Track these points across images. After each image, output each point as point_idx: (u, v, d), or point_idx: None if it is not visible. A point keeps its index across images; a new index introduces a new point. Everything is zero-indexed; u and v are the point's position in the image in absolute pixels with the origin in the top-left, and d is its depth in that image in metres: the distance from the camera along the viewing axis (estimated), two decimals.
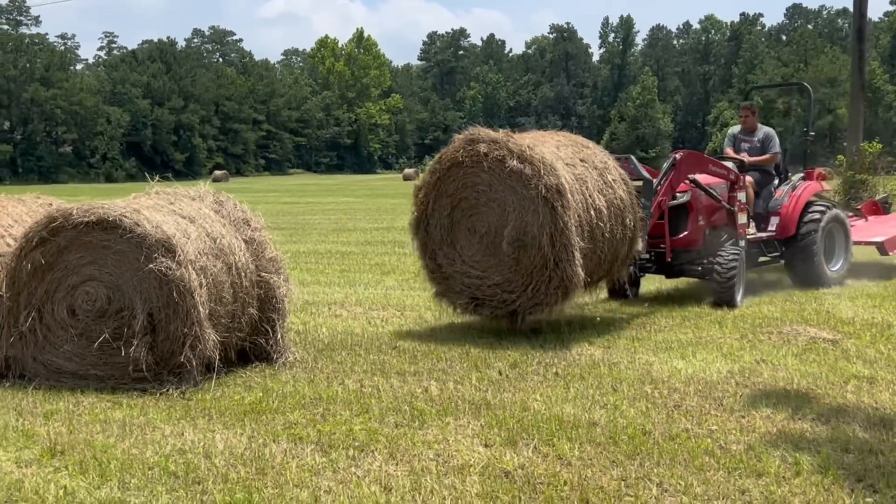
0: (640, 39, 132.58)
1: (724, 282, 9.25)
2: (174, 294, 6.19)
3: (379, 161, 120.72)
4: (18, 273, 6.53)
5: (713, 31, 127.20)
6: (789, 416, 5.56)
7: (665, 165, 9.28)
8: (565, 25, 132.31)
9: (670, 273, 10.04)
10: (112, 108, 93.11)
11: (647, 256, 9.68)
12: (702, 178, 9.63)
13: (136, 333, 6.27)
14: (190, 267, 6.25)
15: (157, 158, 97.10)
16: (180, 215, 6.72)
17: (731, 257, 9.34)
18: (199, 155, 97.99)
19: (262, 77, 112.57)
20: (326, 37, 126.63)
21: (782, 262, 11.07)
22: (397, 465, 4.81)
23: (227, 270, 6.72)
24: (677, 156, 9.27)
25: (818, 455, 4.79)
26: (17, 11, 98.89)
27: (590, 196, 7.90)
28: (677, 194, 9.51)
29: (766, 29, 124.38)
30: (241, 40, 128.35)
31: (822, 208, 10.89)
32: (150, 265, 6.19)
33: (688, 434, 5.21)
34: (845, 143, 25.68)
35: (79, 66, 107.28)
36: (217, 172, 76.78)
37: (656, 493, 4.34)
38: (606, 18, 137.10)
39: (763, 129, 11.28)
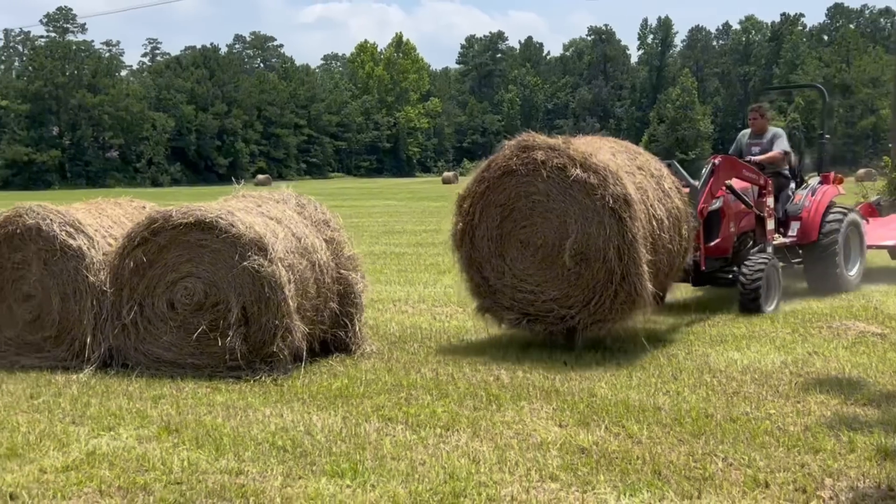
0: (678, 41, 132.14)
1: (748, 292, 9.05)
2: (266, 289, 6.73)
3: (417, 164, 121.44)
4: (121, 270, 7.12)
5: (753, 32, 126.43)
6: (842, 401, 5.96)
7: (704, 171, 9.08)
8: (603, 27, 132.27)
9: (697, 281, 9.62)
10: (157, 114, 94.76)
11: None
12: (734, 183, 9.47)
13: (231, 325, 6.82)
14: (280, 264, 6.78)
15: (201, 163, 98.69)
16: (268, 217, 7.27)
17: (756, 265, 9.14)
18: (242, 159, 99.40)
19: (302, 82, 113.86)
20: (366, 41, 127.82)
21: (800, 267, 10.88)
22: (481, 441, 5.28)
23: (311, 268, 7.25)
24: (716, 161, 9.08)
25: (871, 435, 5.20)
26: (63, 19, 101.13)
27: (651, 206, 7.56)
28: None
29: (808, 29, 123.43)
30: (281, 46, 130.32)
31: (841, 213, 10.72)
32: (244, 262, 6.74)
33: (747, 417, 5.63)
34: (890, 144, 25.73)
35: (123, 73, 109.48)
36: (260, 176, 77.86)
37: (722, 466, 4.77)
38: (645, 20, 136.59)
39: (772, 131, 10.94)
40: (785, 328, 8.52)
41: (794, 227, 10.51)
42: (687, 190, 8.52)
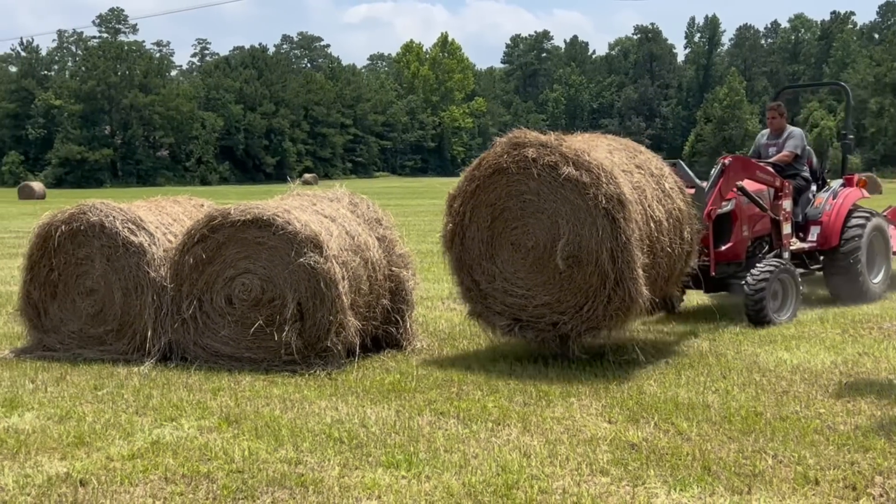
0: (726, 39, 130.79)
1: (752, 301, 8.54)
2: (321, 285, 6.91)
3: (462, 164, 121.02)
4: (181, 266, 7.34)
5: (803, 30, 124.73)
6: (892, 401, 5.97)
7: (714, 172, 8.59)
8: (650, 26, 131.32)
9: (709, 287, 9.22)
10: (207, 114, 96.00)
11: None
12: (747, 184, 9.01)
13: (287, 320, 7.01)
14: (334, 261, 6.96)
15: (248, 162, 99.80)
16: (322, 215, 7.45)
17: (763, 272, 8.60)
18: (289, 158, 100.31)
19: (349, 82, 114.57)
20: (411, 41, 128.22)
21: (821, 273, 10.38)
22: (532, 436, 5.39)
23: (364, 265, 7.41)
24: (726, 161, 8.61)
25: None
26: (115, 20, 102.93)
27: (648, 206, 7.14)
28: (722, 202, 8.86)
29: (858, 27, 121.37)
30: (328, 46, 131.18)
31: (864, 217, 10.22)
32: (300, 259, 6.92)
33: (797, 416, 5.68)
34: None
35: (174, 73, 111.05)
36: (307, 175, 78.55)
37: (772, 463, 4.83)
38: (692, 18, 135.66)
39: (789, 130, 10.47)
40: (835, 329, 8.52)
41: (815, 232, 10.06)
42: (692, 191, 8.10)
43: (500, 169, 7.11)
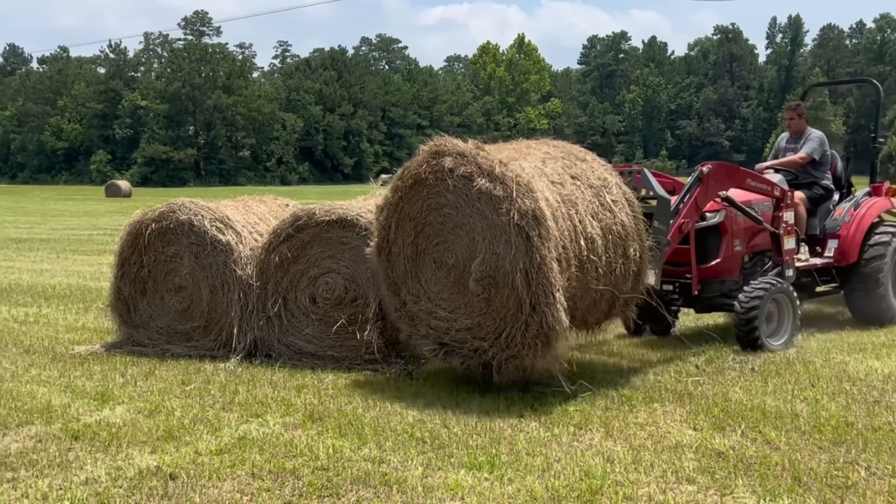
0: (809, 39, 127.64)
1: (743, 323, 7.68)
2: None
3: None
4: (267, 265, 7.48)
5: (889, 31, 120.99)
6: None
7: (689, 180, 7.70)
8: (730, 26, 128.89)
9: (700, 307, 8.45)
10: (287, 115, 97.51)
11: (671, 288, 8.10)
12: (737, 194, 8.05)
13: (369, 320, 7.09)
14: None
15: (327, 162, 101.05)
16: None
17: (755, 291, 7.71)
18: (366, 159, 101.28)
19: (425, 83, 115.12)
20: (488, 42, 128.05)
21: (842, 292, 9.38)
22: (615, 441, 5.34)
23: None
24: (704, 168, 7.67)
25: None
26: (200, 23, 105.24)
27: (580, 222, 6.44)
28: (707, 214, 7.96)
29: None
30: (406, 48, 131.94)
31: (891, 231, 9.13)
32: None
33: (891, 427, 5.51)
34: None
35: (256, 74, 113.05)
36: (383, 176, 78.80)
37: (865, 475, 4.70)
38: (774, 18, 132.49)
39: (809, 133, 9.48)
40: None
41: (832, 247, 9.04)
42: (654, 202, 7.31)
43: (420, 180, 6.53)
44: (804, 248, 8.89)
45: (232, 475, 4.82)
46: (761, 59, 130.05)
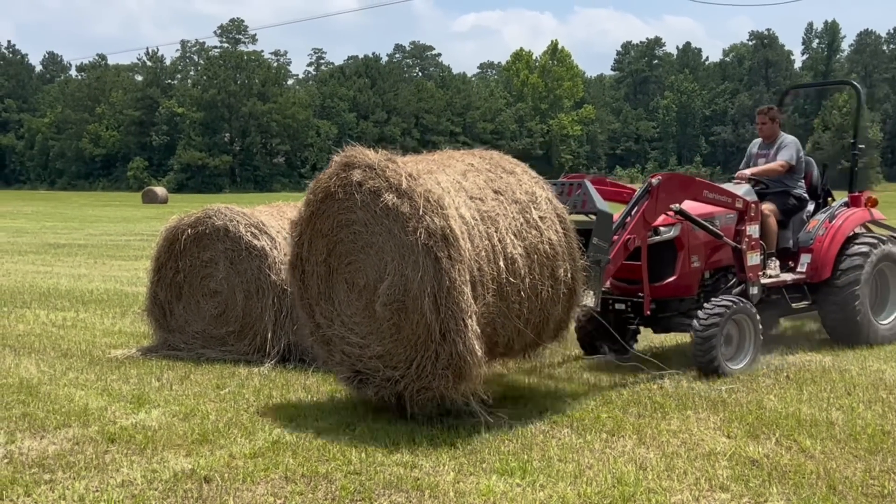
0: (846, 45, 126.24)
1: (700, 342, 7.06)
2: None
3: (570, 171, 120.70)
4: None
5: None
6: None
7: (637, 193, 7.21)
8: (765, 32, 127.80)
9: (657, 327, 7.85)
10: (321, 122, 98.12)
11: (624, 307, 7.56)
12: (692, 207, 7.42)
13: None
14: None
15: None
16: None
17: (714, 311, 7.12)
18: None
19: (459, 90, 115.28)
20: (521, 49, 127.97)
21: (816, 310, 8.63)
22: (648, 448, 5.32)
23: None
24: (653, 180, 7.07)
25: None
26: (235, 31, 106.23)
27: (500, 241, 5.88)
28: (661, 228, 7.39)
29: None
30: (439, 55, 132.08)
31: (869, 243, 8.45)
32: None
33: None
34: None
35: (290, 82, 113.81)
36: None
37: None
38: (810, 24, 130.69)
39: (783, 138, 8.82)
40: None
41: (805, 261, 8.42)
42: (593, 217, 6.68)
43: (330, 194, 6.07)
44: (776, 263, 8.30)
45: (266, 479, 4.86)
46: (797, 64, 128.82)
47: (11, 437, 5.64)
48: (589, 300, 6.43)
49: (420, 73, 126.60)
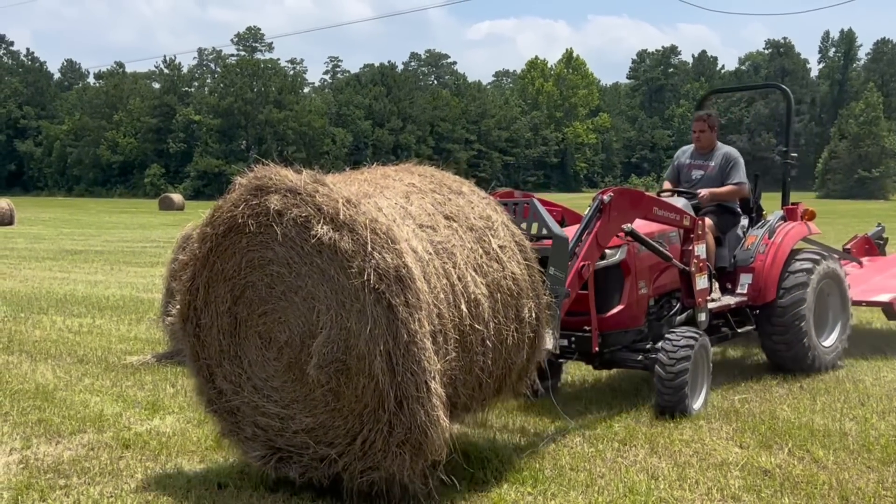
0: (862, 54, 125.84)
1: (670, 378, 6.18)
2: None
3: (584, 180, 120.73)
4: None
5: None
6: None
7: (588, 212, 6.21)
8: (781, 40, 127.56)
9: (599, 363, 6.71)
10: (337, 129, 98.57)
11: (566, 343, 6.36)
12: (640, 225, 6.51)
13: None
14: None
15: None
16: None
17: (681, 342, 6.29)
18: None
19: (474, 98, 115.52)
20: (536, 58, 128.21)
21: (747, 332, 7.79)
22: (660, 458, 5.32)
23: None
24: (604, 197, 6.17)
25: None
26: (252, 39, 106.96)
27: (459, 279, 4.77)
28: (606, 251, 6.43)
29: None
30: (454, 63, 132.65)
31: (811, 260, 7.80)
32: None
33: None
34: None
35: (306, 90, 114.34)
36: None
37: None
38: (827, 33, 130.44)
39: (722, 150, 7.99)
40: None
41: (745, 282, 7.63)
42: (548, 243, 5.81)
43: (236, 226, 4.77)
44: (715, 285, 7.51)
45: (278, 486, 4.88)
46: (814, 73, 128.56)
47: (27, 442, 5.70)
48: (548, 342, 5.40)
49: (435, 82, 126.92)
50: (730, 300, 7.49)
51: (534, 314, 5.19)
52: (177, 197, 59.19)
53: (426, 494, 4.53)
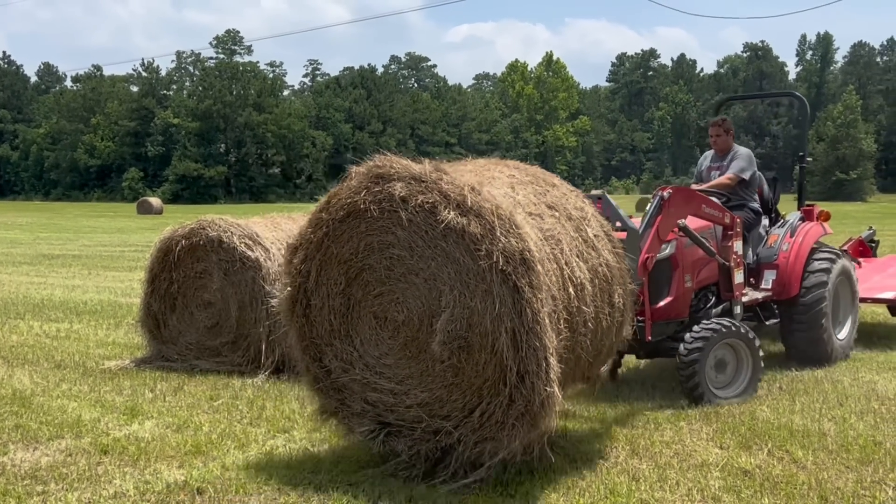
0: (839, 57, 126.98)
1: (684, 369, 6.59)
2: None
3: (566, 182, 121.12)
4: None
5: None
6: None
7: (649, 208, 6.78)
8: (759, 43, 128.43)
9: (643, 352, 7.25)
10: (317, 132, 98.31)
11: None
12: (691, 222, 7.05)
13: None
14: None
15: None
16: None
17: (700, 334, 6.64)
18: None
19: (454, 101, 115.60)
20: (516, 61, 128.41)
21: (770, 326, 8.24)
22: (640, 459, 5.33)
23: None
24: (664, 193, 6.75)
25: None
26: (231, 42, 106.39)
27: (566, 264, 5.12)
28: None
29: None
30: (435, 66, 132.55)
31: (829, 258, 8.25)
32: None
33: None
34: None
35: (286, 93, 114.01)
36: None
37: (892, 495, 4.67)
38: (804, 36, 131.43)
39: (735, 150, 8.47)
40: None
41: (769, 278, 8.05)
42: (623, 235, 6.23)
43: (356, 211, 5.08)
44: None
45: (259, 490, 4.86)
46: (791, 76, 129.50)
47: (4, 448, 5.64)
48: (627, 330, 5.84)
49: (416, 84, 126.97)
50: (757, 295, 7.90)
51: (622, 300, 5.60)
52: (155, 201, 58.89)
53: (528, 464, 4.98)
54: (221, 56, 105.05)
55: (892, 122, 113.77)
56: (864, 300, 9.09)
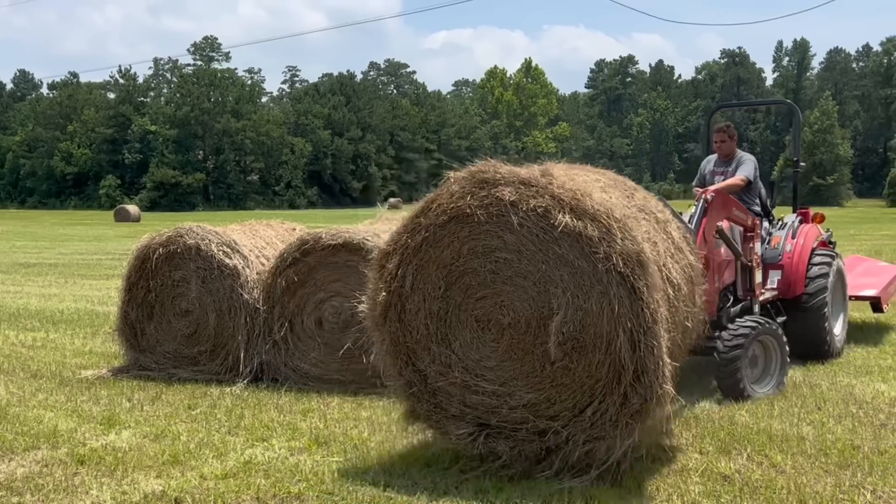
0: (816, 63, 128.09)
1: (726, 373, 6.83)
2: None
3: None
4: (273, 289, 7.52)
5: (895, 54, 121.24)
6: None
7: (695, 210, 6.96)
8: (736, 50, 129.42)
9: None
10: (296, 139, 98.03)
11: None
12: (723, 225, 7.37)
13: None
14: None
15: (335, 186, 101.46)
16: None
17: (738, 333, 6.88)
18: (374, 183, 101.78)
19: (434, 107, 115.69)
20: (495, 67, 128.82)
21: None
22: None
23: None
24: (708, 196, 7.00)
25: None
26: (209, 48, 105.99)
27: (664, 265, 5.31)
28: None
29: None
30: (414, 72, 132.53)
31: (827, 259, 8.66)
32: None
33: None
34: None
35: (264, 99, 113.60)
36: (392, 199, 79.38)
37: (871, 498, 4.69)
38: (780, 42, 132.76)
39: (740, 155, 8.68)
40: None
41: (774, 278, 8.39)
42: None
43: (460, 216, 5.14)
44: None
45: (237, 500, 4.83)
46: (769, 82, 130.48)
47: None
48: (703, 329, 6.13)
49: (395, 91, 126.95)
50: (768, 295, 8.17)
51: (701, 300, 5.83)
52: (133, 208, 58.46)
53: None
54: (199, 63, 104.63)
55: (868, 127, 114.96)
56: (850, 297, 9.50)
